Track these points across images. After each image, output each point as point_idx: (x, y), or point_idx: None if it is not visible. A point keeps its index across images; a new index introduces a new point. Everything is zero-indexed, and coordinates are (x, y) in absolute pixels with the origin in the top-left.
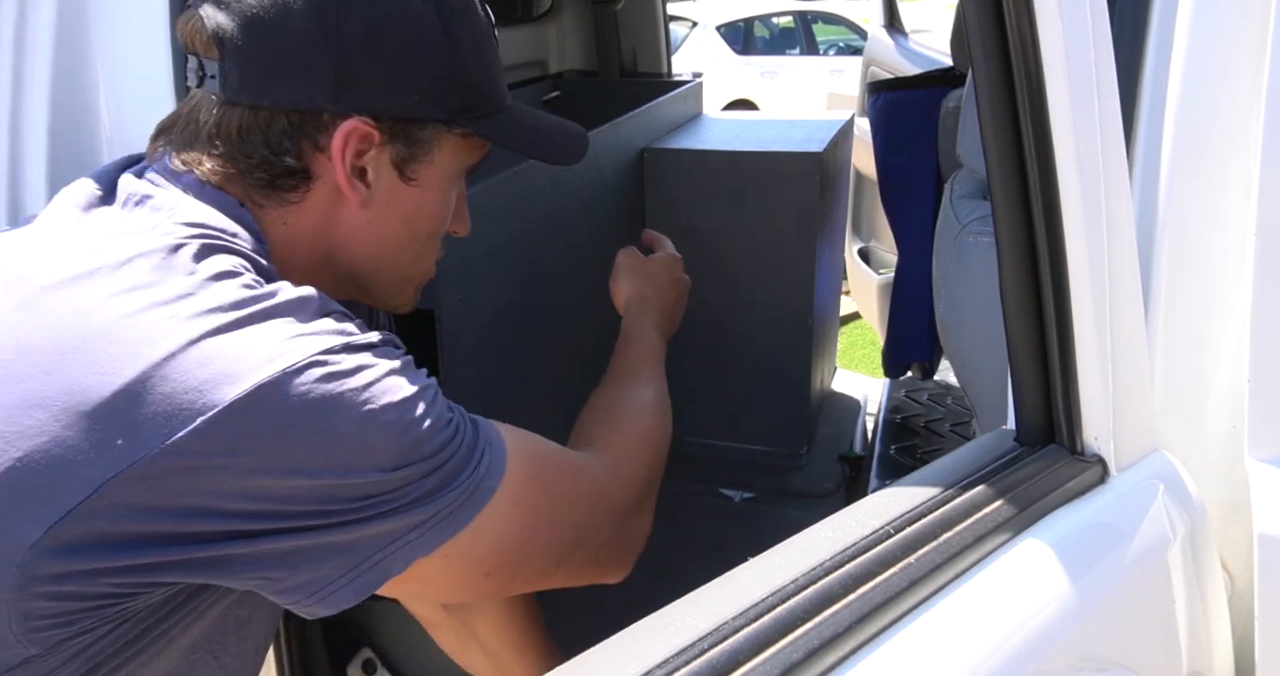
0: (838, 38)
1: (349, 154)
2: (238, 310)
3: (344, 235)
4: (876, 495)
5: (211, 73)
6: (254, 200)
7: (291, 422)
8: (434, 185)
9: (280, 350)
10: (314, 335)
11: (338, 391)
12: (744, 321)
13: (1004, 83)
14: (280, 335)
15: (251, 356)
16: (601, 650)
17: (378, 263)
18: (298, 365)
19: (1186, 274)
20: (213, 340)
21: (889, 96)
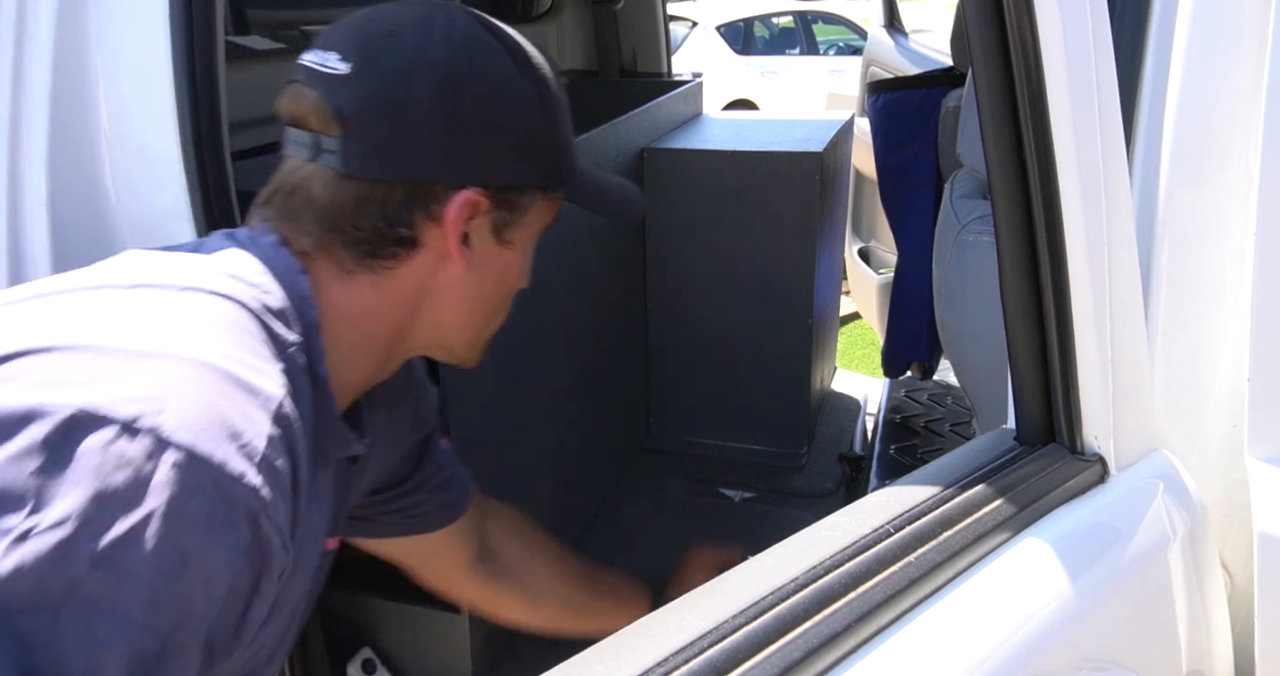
0: (838, 38)
1: (460, 223)
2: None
3: (436, 297)
4: (876, 494)
5: (329, 148)
6: (345, 267)
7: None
8: (523, 247)
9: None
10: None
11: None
12: (744, 321)
13: (1004, 82)
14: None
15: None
16: (602, 649)
17: (465, 321)
18: (113, 419)
19: (1186, 273)
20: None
21: (889, 96)
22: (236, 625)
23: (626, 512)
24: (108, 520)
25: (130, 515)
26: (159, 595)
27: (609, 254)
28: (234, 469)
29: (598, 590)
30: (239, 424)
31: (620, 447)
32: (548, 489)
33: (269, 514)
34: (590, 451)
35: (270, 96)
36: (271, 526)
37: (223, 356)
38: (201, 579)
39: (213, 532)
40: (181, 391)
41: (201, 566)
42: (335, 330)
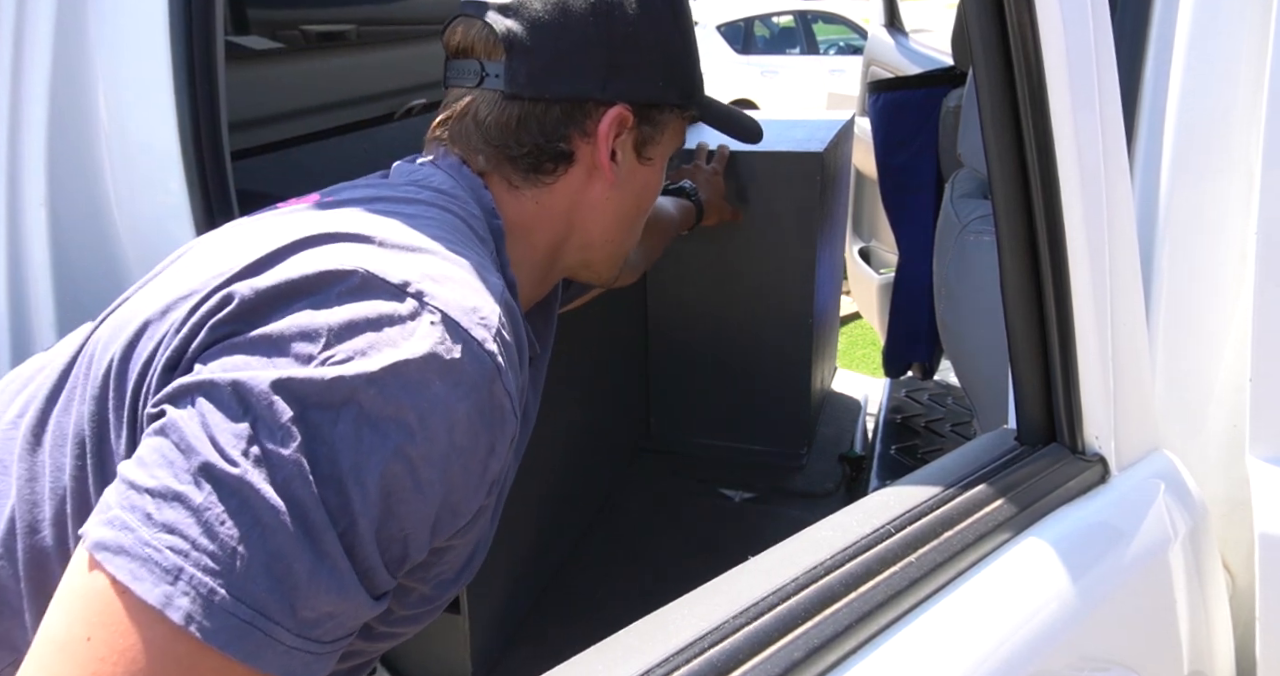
0: (838, 38)
1: (610, 138)
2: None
3: (586, 212)
4: (877, 494)
5: (495, 72)
6: (512, 182)
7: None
8: (659, 165)
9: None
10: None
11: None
12: (744, 321)
13: (1005, 82)
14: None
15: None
16: (602, 649)
17: (610, 236)
18: (388, 281)
19: (1187, 273)
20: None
21: (889, 96)
22: (479, 484)
23: (626, 513)
24: (381, 354)
25: (398, 355)
26: (413, 424)
27: None
28: (477, 335)
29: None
30: (478, 303)
31: (620, 447)
32: (548, 488)
33: (504, 380)
34: (590, 451)
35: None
36: (504, 392)
37: (461, 254)
38: (446, 424)
39: (460, 386)
40: (439, 273)
41: (448, 413)
42: (511, 241)
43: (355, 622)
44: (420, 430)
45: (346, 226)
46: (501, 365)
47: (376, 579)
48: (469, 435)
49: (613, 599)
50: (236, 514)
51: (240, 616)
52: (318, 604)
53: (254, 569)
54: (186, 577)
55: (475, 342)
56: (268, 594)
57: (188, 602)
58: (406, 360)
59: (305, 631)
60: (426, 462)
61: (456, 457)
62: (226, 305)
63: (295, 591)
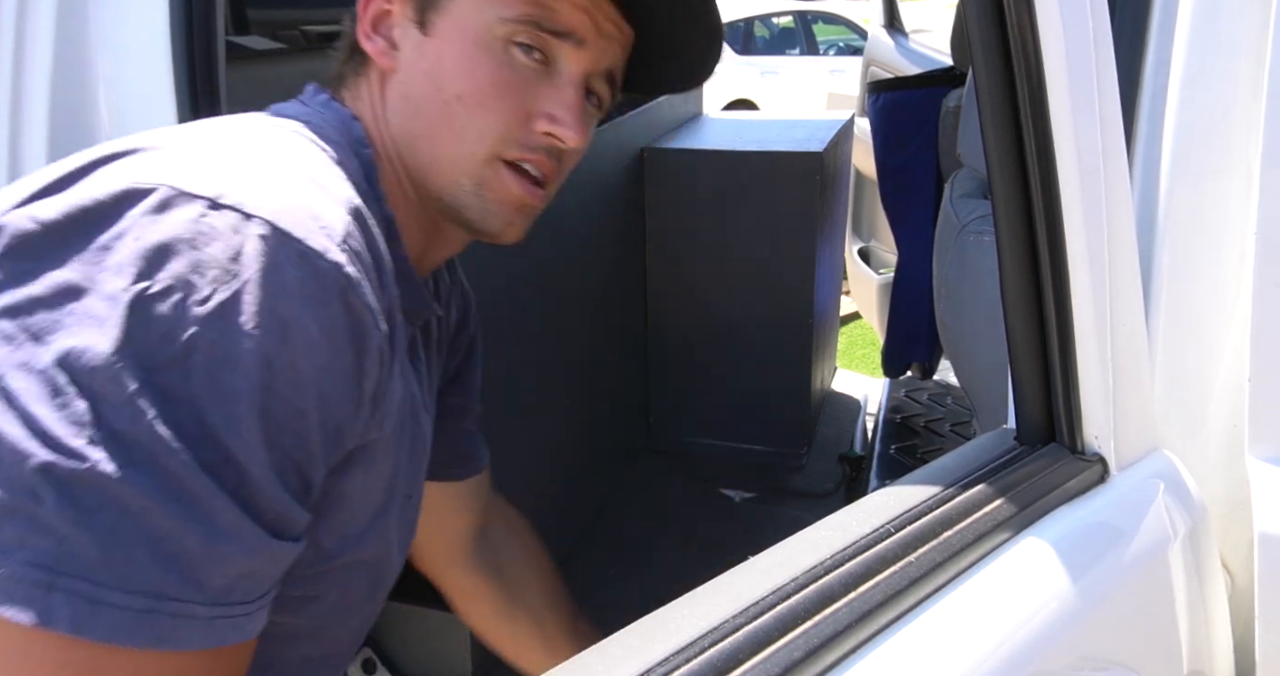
0: (838, 38)
1: (371, 12)
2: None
3: (394, 112)
4: (876, 494)
5: None
6: (357, 93)
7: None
8: (455, 35)
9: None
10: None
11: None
12: (744, 321)
13: (1005, 82)
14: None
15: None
16: (602, 649)
17: (411, 131)
18: (197, 195)
19: (1187, 273)
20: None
21: (889, 96)
22: (355, 404)
23: (626, 512)
24: (209, 285)
25: (229, 282)
26: (268, 355)
27: (609, 253)
28: (316, 244)
29: (574, 628)
30: (317, 209)
31: (620, 447)
32: (548, 488)
33: (356, 291)
34: (590, 451)
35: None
36: (361, 303)
37: (299, 161)
38: (304, 346)
39: (307, 303)
40: (262, 177)
41: (301, 334)
42: (383, 174)
43: (277, 571)
44: (279, 360)
45: (153, 140)
46: (352, 275)
47: (292, 516)
48: (331, 354)
49: (612, 598)
50: (96, 510)
51: (135, 607)
52: (226, 569)
53: (137, 557)
54: (61, 587)
55: (314, 253)
56: (163, 575)
57: (70, 611)
58: (240, 288)
59: (221, 599)
60: (295, 390)
61: (324, 378)
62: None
63: (194, 565)
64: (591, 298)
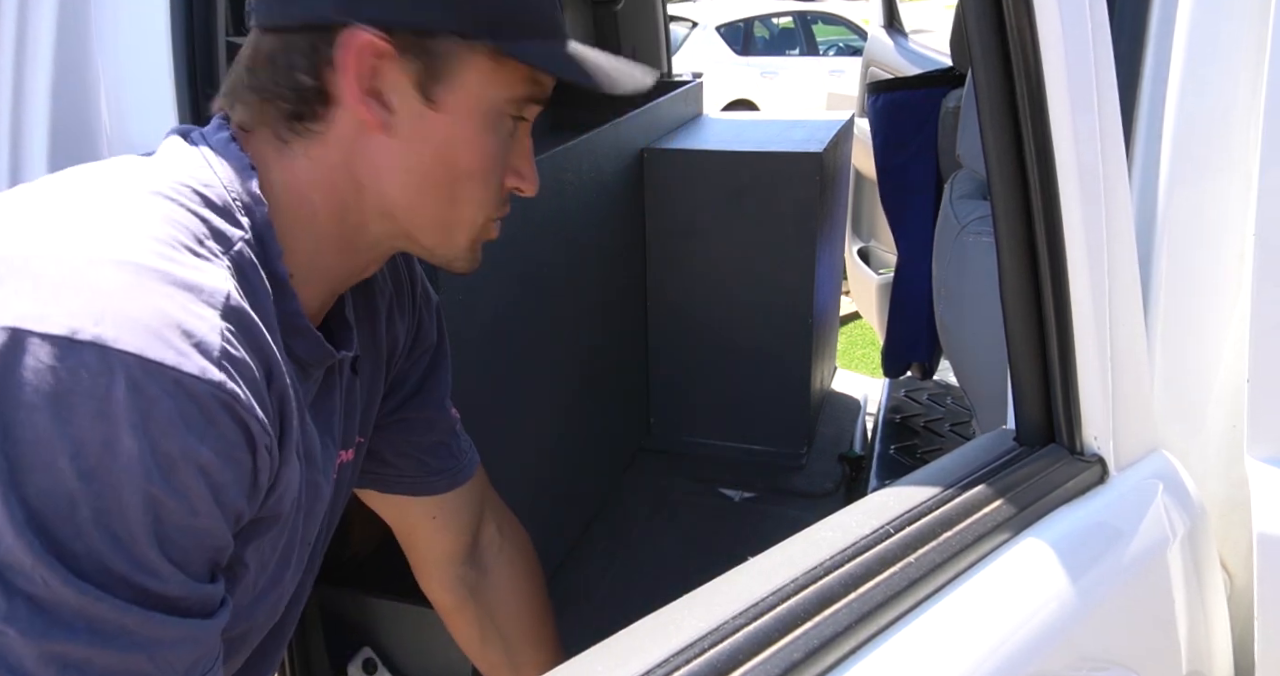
0: (838, 38)
1: (359, 68)
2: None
3: (371, 168)
4: (876, 494)
5: (251, 5)
6: (280, 136)
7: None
8: (465, 114)
9: (79, 308)
10: (147, 328)
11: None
12: (744, 321)
13: (1004, 83)
14: (109, 294)
15: (71, 298)
16: (602, 650)
17: (413, 202)
18: (49, 335)
19: (1186, 273)
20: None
21: (889, 97)
22: (249, 496)
23: (626, 512)
24: (80, 438)
25: (102, 431)
26: (154, 496)
27: (609, 253)
28: (191, 368)
29: (548, 663)
30: (185, 321)
31: (620, 447)
32: (548, 488)
33: (239, 403)
34: (590, 451)
35: None
36: (246, 413)
37: (156, 256)
38: (195, 471)
39: (192, 430)
40: (118, 297)
41: (191, 462)
42: (286, 220)
43: (218, 635)
44: (167, 496)
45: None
46: (233, 390)
47: (215, 594)
48: (225, 467)
49: (612, 598)
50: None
51: None
52: (185, 660)
53: None
54: None
55: (190, 379)
56: None
57: None
58: (113, 436)
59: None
60: (190, 514)
61: (220, 490)
62: None
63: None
64: (591, 298)
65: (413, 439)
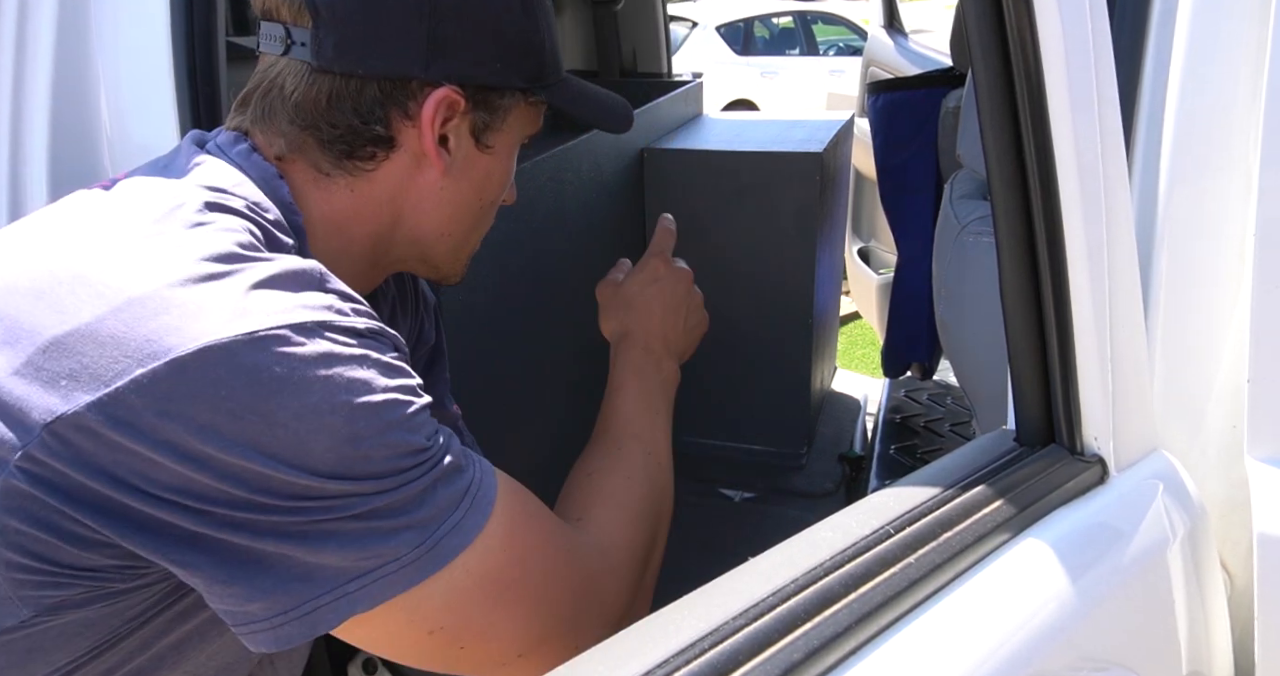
0: (838, 38)
1: (437, 122)
2: (219, 264)
3: (415, 202)
4: (876, 495)
5: (302, 41)
6: (321, 169)
7: (230, 394)
8: (504, 152)
9: (246, 313)
10: (292, 308)
11: (289, 373)
12: (744, 321)
13: (1004, 83)
14: (254, 299)
15: (212, 313)
16: (601, 650)
17: (445, 230)
18: (257, 333)
19: (1186, 274)
20: (180, 290)
21: (889, 97)
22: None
23: None
24: (329, 392)
25: (335, 379)
26: (396, 397)
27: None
28: (345, 317)
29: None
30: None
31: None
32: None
33: (381, 327)
34: None
35: None
36: (386, 332)
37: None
38: (397, 377)
39: (376, 349)
40: (233, 298)
41: (391, 371)
42: (317, 236)
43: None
44: (405, 392)
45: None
46: (379, 323)
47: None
48: (403, 368)
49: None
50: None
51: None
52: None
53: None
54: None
55: (349, 318)
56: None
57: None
58: (350, 377)
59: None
60: (413, 397)
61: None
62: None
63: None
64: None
65: None
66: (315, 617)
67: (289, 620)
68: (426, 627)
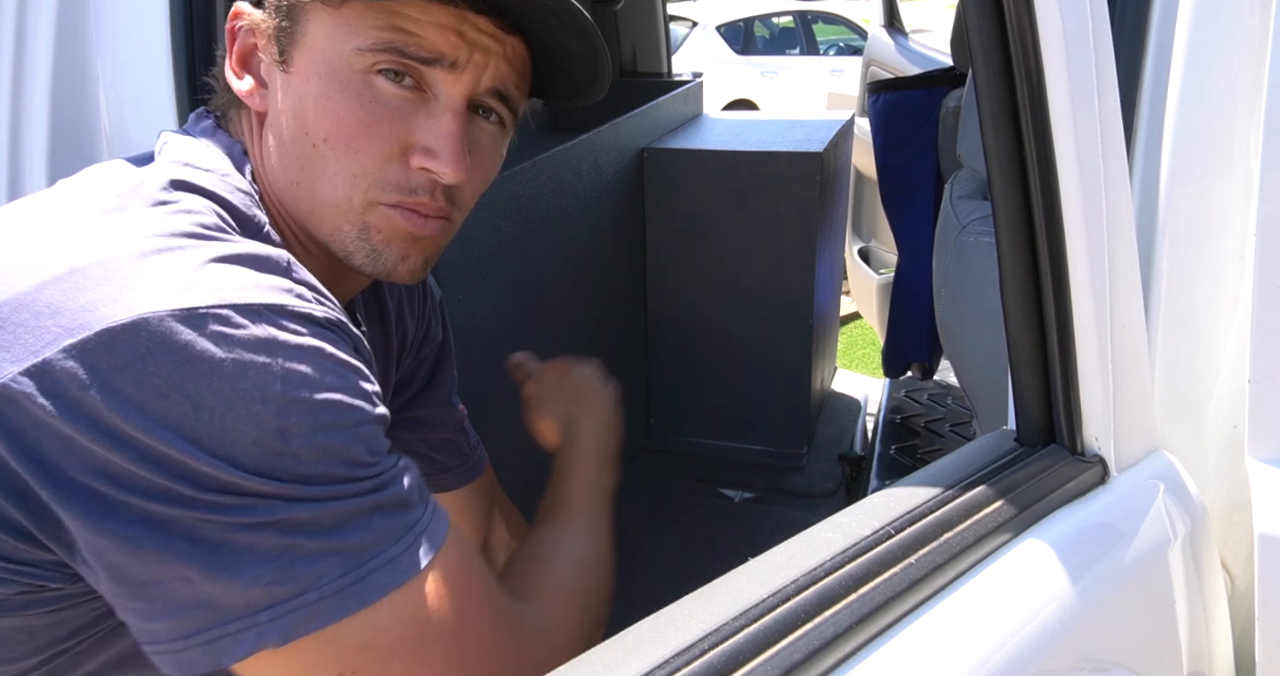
0: (838, 38)
1: (232, 39)
2: (174, 239)
3: (268, 159)
4: (877, 495)
5: None
6: (237, 128)
7: (157, 371)
8: (309, 71)
9: (190, 287)
10: (243, 287)
11: (224, 355)
12: (744, 321)
13: (1004, 82)
14: (203, 273)
15: (154, 285)
16: (602, 650)
17: (283, 182)
18: (197, 309)
19: (1187, 274)
20: (126, 262)
21: (889, 96)
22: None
23: (626, 512)
24: (262, 380)
25: (270, 368)
26: (338, 399)
27: (609, 254)
28: (305, 304)
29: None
30: (272, 278)
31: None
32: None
33: (346, 327)
34: None
35: None
36: (343, 325)
37: (190, 228)
38: (345, 378)
39: (330, 343)
40: (215, 272)
41: (342, 369)
42: (270, 214)
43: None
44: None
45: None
46: (338, 316)
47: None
48: (358, 366)
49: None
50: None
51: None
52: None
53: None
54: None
55: (307, 308)
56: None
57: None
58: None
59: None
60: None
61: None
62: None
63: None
64: (591, 297)
65: (423, 436)
66: (219, 647)
67: (190, 646)
68: (339, 670)
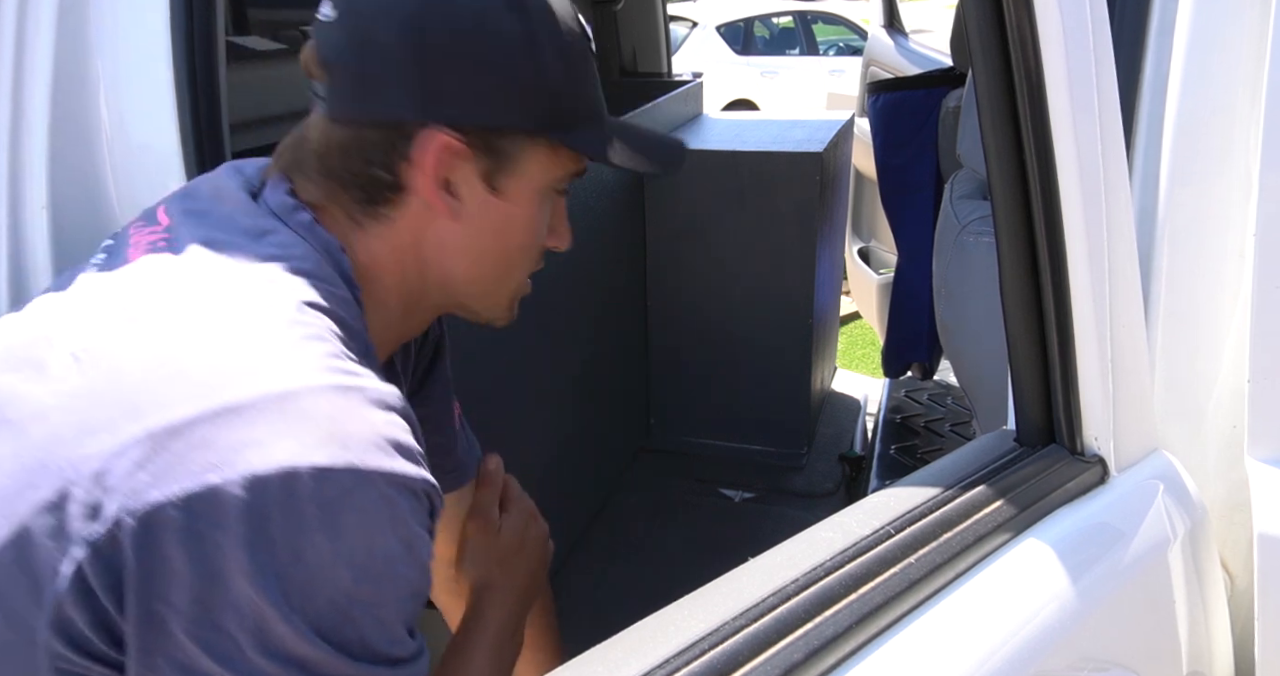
0: (838, 38)
1: (435, 165)
2: (312, 378)
3: (436, 248)
4: (877, 495)
5: (320, 94)
6: (353, 217)
7: (283, 523)
8: (523, 198)
9: (323, 444)
10: (364, 445)
11: (333, 517)
12: (744, 321)
13: (1004, 83)
14: (336, 428)
15: (296, 437)
16: (602, 650)
17: (471, 276)
18: (328, 471)
19: (1186, 274)
20: (272, 404)
21: (889, 97)
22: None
23: (626, 512)
24: (353, 547)
25: (366, 537)
26: (410, 577)
27: (609, 254)
28: (411, 472)
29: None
30: (392, 433)
31: (620, 447)
32: (548, 489)
33: (436, 490)
34: (590, 451)
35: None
36: (436, 492)
37: (343, 374)
38: (424, 548)
39: (417, 520)
40: (343, 422)
41: (423, 543)
42: (365, 299)
43: None
44: (414, 574)
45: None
46: (433, 481)
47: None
48: (429, 548)
49: (612, 599)
50: None
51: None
52: None
53: None
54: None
55: (413, 480)
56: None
57: None
58: (378, 541)
59: None
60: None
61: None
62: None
63: None
64: (592, 298)
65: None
66: None
67: None
68: None
